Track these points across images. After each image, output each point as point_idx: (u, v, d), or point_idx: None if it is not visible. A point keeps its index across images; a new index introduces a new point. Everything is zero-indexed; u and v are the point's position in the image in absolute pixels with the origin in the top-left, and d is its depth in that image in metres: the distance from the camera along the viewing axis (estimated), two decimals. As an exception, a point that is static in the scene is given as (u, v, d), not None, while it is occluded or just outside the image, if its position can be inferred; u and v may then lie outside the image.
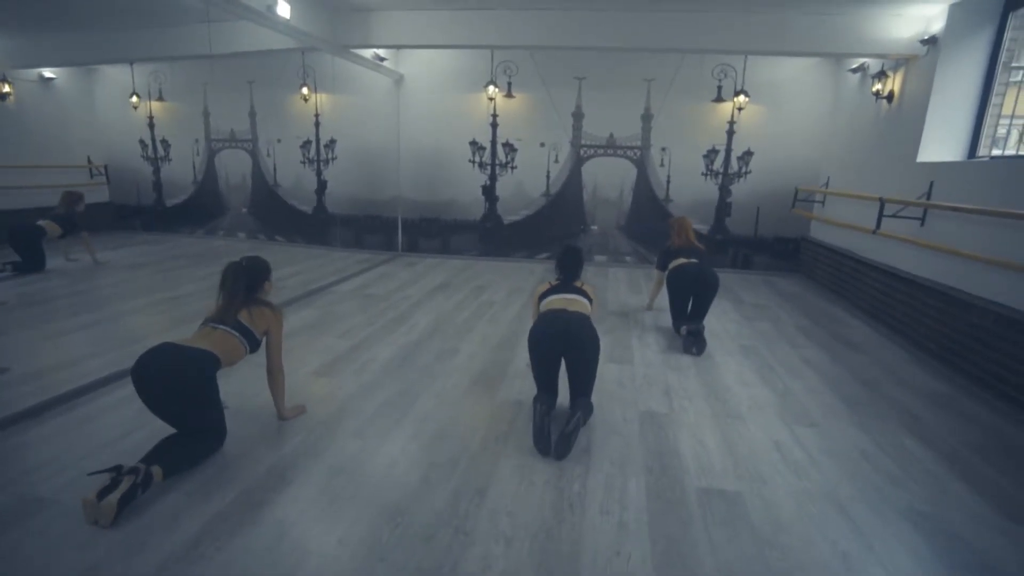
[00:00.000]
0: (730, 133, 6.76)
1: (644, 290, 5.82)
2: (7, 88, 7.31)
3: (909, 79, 4.92)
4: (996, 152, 4.37)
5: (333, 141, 7.72)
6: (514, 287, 5.91)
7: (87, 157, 8.56)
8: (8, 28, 6.58)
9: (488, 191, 7.41)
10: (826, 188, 6.28)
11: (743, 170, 6.84)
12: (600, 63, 6.76)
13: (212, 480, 2.27)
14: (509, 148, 7.24)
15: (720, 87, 6.65)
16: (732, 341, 4.29)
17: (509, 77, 7.02)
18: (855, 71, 5.89)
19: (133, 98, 8.22)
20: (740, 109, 6.65)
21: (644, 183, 7.09)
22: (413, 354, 3.82)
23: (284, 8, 4.49)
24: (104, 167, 8.78)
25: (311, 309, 4.86)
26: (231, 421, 2.54)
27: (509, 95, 7.07)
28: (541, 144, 7.15)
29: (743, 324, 4.76)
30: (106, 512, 1.93)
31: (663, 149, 6.94)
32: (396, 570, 1.82)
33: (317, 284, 5.68)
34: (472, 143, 7.29)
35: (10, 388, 3.03)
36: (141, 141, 8.62)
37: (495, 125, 7.19)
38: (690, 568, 1.87)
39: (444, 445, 2.62)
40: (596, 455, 2.56)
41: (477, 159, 7.34)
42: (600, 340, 2.84)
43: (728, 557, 1.92)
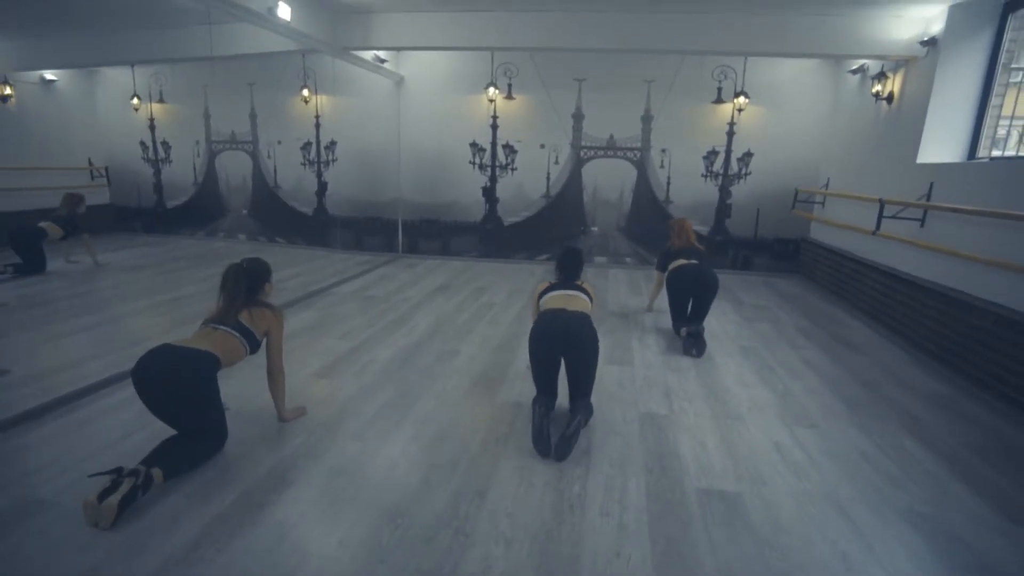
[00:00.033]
0: (730, 134, 6.76)
1: (644, 291, 5.82)
2: (8, 90, 7.33)
3: (909, 80, 4.93)
4: (996, 153, 4.37)
5: (333, 143, 7.73)
6: (514, 288, 5.91)
7: (88, 159, 8.57)
8: (9, 30, 6.59)
9: (488, 193, 7.42)
10: (826, 189, 6.28)
11: (743, 171, 6.84)
12: (600, 64, 6.77)
13: (212, 482, 2.27)
14: (509, 150, 7.24)
15: (720, 88, 6.66)
16: (732, 342, 4.29)
17: (509, 79, 7.03)
18: (855, 72, 5.89)
19: (134, 100, 8.24)
20: (740, 110, 6.66)
21: (644, 184, 7.10)
22: (413, 356, 3.82)
23: (285, 10, 4.50)
24: (105, 169, 8.79)
25: (311, 311, 4.86)
26: (231, 422, 2.54)
27: (509, 97, 7.08)
28: (541, 145, 7.16)
29: (743, 325, 4.76)
30: (106, 514, 1.94)
31: (663, 150, 6.94)
32: (396, 571, 1.82)
33: (317, 286, 5.68)
34: (472, 145, 7.29)
35: (11, 390, 3.04)
36: (142, 143, 8.64)
37: (495, 127, 7.20)
38: (690, 569, 1.87)
39: (444, 447, 2.62)
40: (596, 456, 2.56)
41: (477, 161, 7.34)
42: (600, 341, 2.84)
43: (728, 558, 1.93)
